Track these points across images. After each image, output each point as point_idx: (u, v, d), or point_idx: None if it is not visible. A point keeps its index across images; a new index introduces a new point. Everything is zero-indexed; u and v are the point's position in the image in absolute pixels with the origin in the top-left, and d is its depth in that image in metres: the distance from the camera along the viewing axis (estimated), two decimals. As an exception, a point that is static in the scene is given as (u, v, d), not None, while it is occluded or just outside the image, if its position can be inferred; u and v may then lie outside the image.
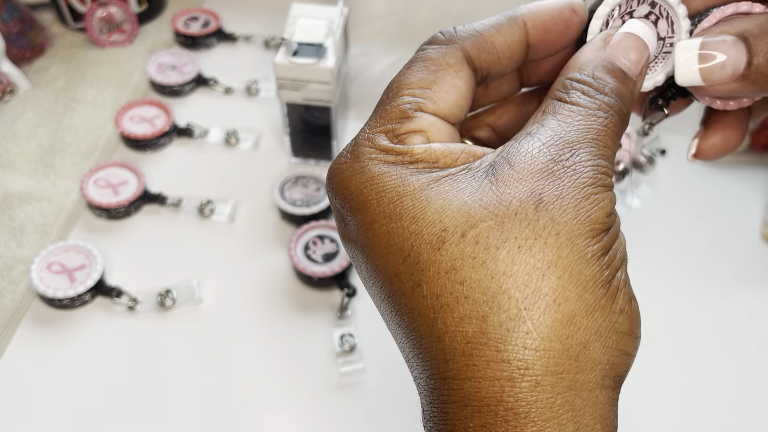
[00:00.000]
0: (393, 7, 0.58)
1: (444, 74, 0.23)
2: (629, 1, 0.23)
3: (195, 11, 0.62)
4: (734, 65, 0.21)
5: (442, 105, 0.23)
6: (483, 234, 0.19)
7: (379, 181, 0.21)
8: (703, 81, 0.22)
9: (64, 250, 0.43)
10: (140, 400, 0.38)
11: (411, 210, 0.20)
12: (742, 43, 0.21)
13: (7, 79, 0.56)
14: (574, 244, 0.19)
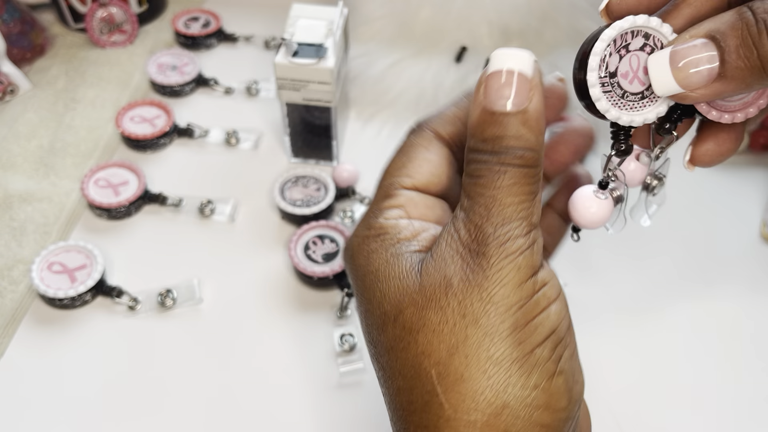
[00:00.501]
0: (393, 8, 0.58)
1: (416, 152, 0.26)
2: (624, 35, 0.24)
3: (195, 12, 0.62)
4: (708, 67, 0.21)
5: (418, 178, 0.26)
6: (408, 319, 0.22)
7: (361, 255, 0.25)
8: (683, 88, 0.22)
9: (64, 250, 0.43)
10: (140, 400, 0.38)
11: (369, 290, 0.24)
12: (711, 43, 0.21)
13: (8, 79, 0.56)
14: (479, 325, 0.21)
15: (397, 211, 0.25)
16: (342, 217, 0.47)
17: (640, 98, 0.24)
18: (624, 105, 0.24)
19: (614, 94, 0.24)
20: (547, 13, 0.57)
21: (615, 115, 0.24)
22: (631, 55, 0.24)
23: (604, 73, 0.24)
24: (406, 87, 0.55)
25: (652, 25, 0.23)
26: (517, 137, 0.22)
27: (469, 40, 0.58)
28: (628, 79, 0.24)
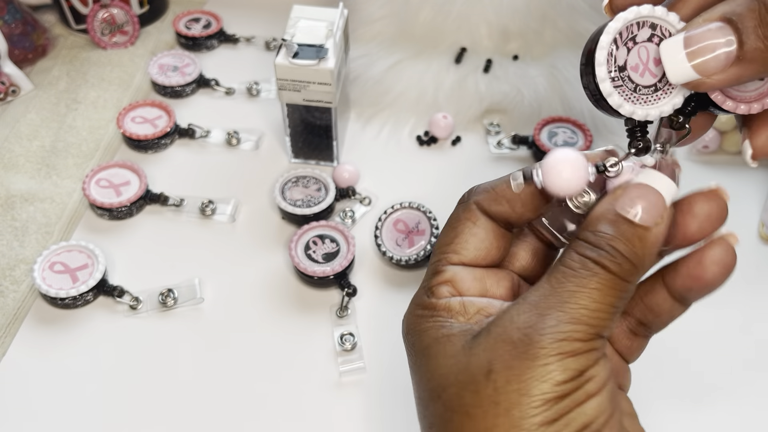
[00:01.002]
0: (393, 9, 0.58)
1: (462, 227, 0.27)
2: (630, 27, 0.23)
3: (196, 13, 0.63)
4: (726, 52, 0.20)
5: (465, 253, 0.26)
6: (449, 398, 0.22)
7: (414, 333, 0.25)
8: (700, 74, 0.21)
9: (66, 249, 0.44)
10: (141, 399, 0.38)
11: (420, 367, 0.24)
12: (728, 25, 0.20)
13: (10, 80, 0.56)
14: (509, 416, 0.21)
15: (446, 288, 0.25)
16: (342, 218, 0.47)
17: (654, 91, 0.23)
18: (637, 99, 0.23)
19: (626, 88, 0.23)
20: (546, 14, 0.57)
21: (629, 110, 0.23)
22: (639, 47, 0.23)
23: (614, 68, 0.23)
24: (406, 88, 0.55)
25: (658, 14, 0.22)
26: (627, 242, 0.22)
27: (469, 42, 0.58)
28: (639, 72, 0.23)
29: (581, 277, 0.21)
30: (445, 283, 0.26)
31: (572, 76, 0.55)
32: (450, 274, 0.26)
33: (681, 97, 0.23)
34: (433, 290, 0.26)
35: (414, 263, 0.43)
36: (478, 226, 0.26)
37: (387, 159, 0.52)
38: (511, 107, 0.54)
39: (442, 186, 0.50)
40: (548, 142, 0.50)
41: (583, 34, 0.57)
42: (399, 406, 0.38)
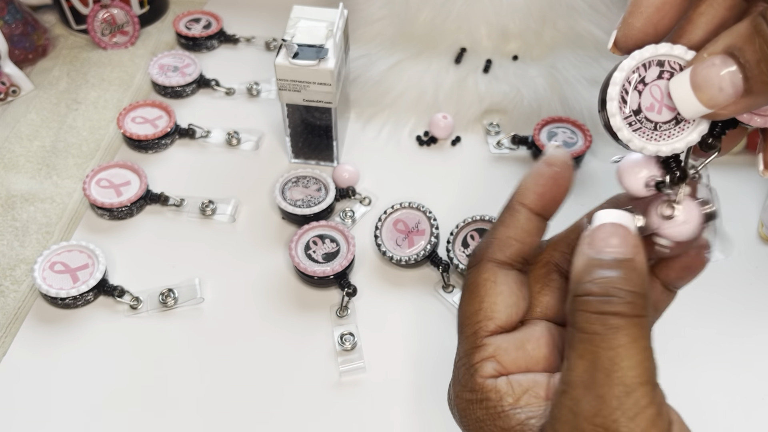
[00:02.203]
0: (393, 9, 0.58)
1: (486, 291, 0.26)
2: (639, 69, 0.23)
3: (196, 13, 0.63)
4: (732, 84, 0.20)
5: (498, 317, 0.25)
6: None
7: (466, 421, 0.25)
8: (710, 108, 0.21)
9: (66, 249, 0.44)
10: (142, 398, 0.38)
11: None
12: (731, 59, 0.20)
13: (10, 80, 0.56)
14: None
15: (491, 365, 0.25)
16: (342, 218, 0.47)
17: (675, 123, 0.24)
18: (660, 136, 0.24)
19: (645, 129, 0.24)
20: (545, 14, 0.57)
21: (653, 149, 0.24)
22: (650, 86, 0.23)
23: (628, 113, 0.24)
24: (406, 88, 0.55)
25: (662, 51, 0.23)
26: (627, 279, 0.22)
27: (469, 42, 0.58)
28: (656, 110, 0.24)
29: (610, 337, 0.21)
30: (489, 359, 0.25)
31: (572, 77, 0.55)
32: (492, 349, 0.25)
33: (705, 123, 0.23)
34: (477, 368, 0.25)
35: (414, 263, 0.43)
36: (500, 283, 0.26)
37: (387, 159, 0.52)
38: (510, 107, 0.54)
39: (442, 186, 0.50)
40: (548, 143, 0.50)
41: (583, 34, 0.57)
42: (399, 406, 0.38)
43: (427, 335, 0.41)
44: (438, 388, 0.39)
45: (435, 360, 0.40)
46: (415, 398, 0.39)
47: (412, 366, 0.40)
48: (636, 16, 0.23)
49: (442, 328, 0.42)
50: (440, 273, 0.44)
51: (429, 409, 0.38)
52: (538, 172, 0.26)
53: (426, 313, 0.42)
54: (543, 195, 0.26)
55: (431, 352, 0.40)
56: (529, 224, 0.26)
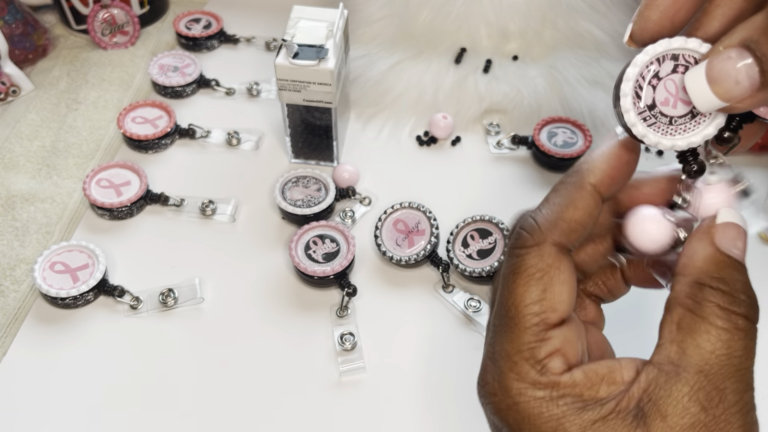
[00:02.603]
0: (393, 9, 0.58)
1: (550, 278, 0.24)
2: (653, 63, 0.23)
3: (197, 13, 0.63)
4: (749, 77, 0.20)
5: (562, 308, 0.24)
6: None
7: (536, 422, 0.22)
8: (726, 102, 0.21)
9: (66, 249, 0.44)
10: (142, 398, 0.38)
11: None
12: (747, 51, 0.20)
13: (10, 80, 0.57)
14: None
15: (558, 360, 0.23)
16: (342, 218, 0.48)
17: (691, 117, 0.24)
18: (676, 130, 0.24)
19: (660, 123, 0.24)
20: (545, 14, 0.57)
21: (669, 144, 0.24)
22: (665, 80, 0.23)
23: (643, 108, 0.24)
24: (406, 88, 0.55)
25: (676, 45, 0.23)
26: (748, 285, 0.22)
27: (469, 42, 0.58)
28: (671, 105, 0.24)
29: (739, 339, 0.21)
30: (557, 354, 0.23)
31: (572, 77, 0.55)
32: (559, 342, 0.23)
33: (722, 116, 0.23)
34: (547, 364, 0.23)
35: (414, 263, 0.43)
36: (564, 270, 0.24)
37: (387, 159, 0.52)
38: (510, 107, 0.54)
39: (442, 186, 0.50)
40: (548, 143, 0.50)
41: (583, 34, 0.57)
42: (399, 405, 0.38)
43: (428, 335, 0.41)
44: (438, 387, 0.39)
45: (435, 360, 0.40)
46: (416, 398, 0.39)
47: (413, 366, 0.40)
48: (652, 9, 0.23)
49: (442, 328, 0.42)
50: (440, 273, 0.44)
51: (429, 409, 0.38)
52: (613, 153, 0.25)
53: (426, 313, 0.42)
54: (613, 178, 0.25)
55: (431, 351, 0.40)
56: (595, 207, 0.24)
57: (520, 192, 0.50)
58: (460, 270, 0.43)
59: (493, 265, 0.42)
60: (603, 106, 0.53)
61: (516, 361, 0.23)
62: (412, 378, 0.39)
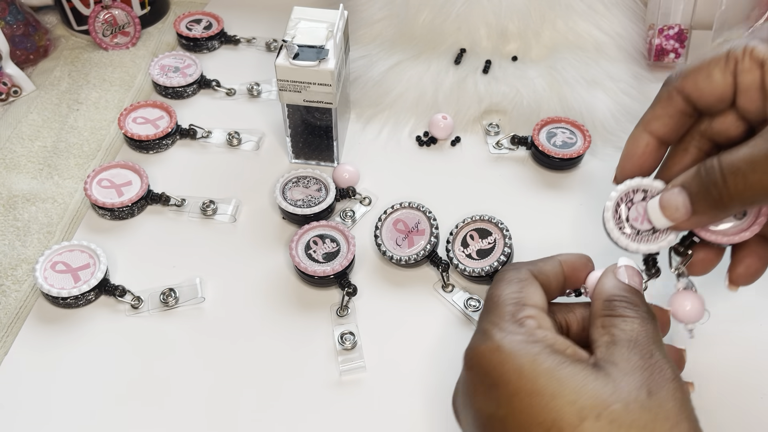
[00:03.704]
0: (393, 10, 0.59)
1: (526, 284, 0.32)
2: (628, 194, 0.34)
3: (197, 14, 0.63)
4: (684, 207, 0.31)
5: (535, 301, 0.31)
6: (615, 415, 0.25)
7: (515, 359, 0.28)
8: (672, 222, 0.32)
9: (68, 249, 0.44)
10: (143, 397, 0.39)
11: (548, 388, 0.26)
12: (683, 190, 0.31)
13: (11, 80, 0.57)
14: (679, 425, 0.26)
15: (534, 322, 0.30)
16: (342, 218, 0.48)
17: (653, 232, 0.34)
18: (641, 240, 0.34)
19: (631, 233, 0.34)
20: (545, 15, 0.57)
21: (635, 248, 0.34)
22: (636, 204, 0.34)
23: (619, 221, 0.34)
24: (405, 89, 0.55)
25: (645, 183, 0.34)
26: (643, 302, 0.32)
27: (468, 43, 0.58)
28: (639, 221, 0.34)
29: (648, 322, 0.30)
30: (532, 318, 0.30)
31: (571, 77, 0.55)
32: (534, 311, 0.31)
33: (673, 235, 0.33)
34: (522, 321, 0.30)
35: (413, 263, 0.44)
36: (536, 283, 0.33)
37: (387, 159, 0.52)
38: (510, 108, 0.54)
39: (442, 186, 0.50)
40: (547, 143, 0.51)
41: (582, 35, 0.57)
42: (399, 405, 0.38)
43: (428, 335, 0.41)
44: (438, 387, 0.39)
45: (435, 359, 0.40)
46: (416, 397, 0.39)
47: (413, 365, 0.40)
48: (627, 161, 0.35)
49: (442, 328, 0.42)
50: (440, 273, 0.44)
51: (429, 409, 0.38)
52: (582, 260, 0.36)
53: (426, 313, 0.43)
54: (576, 269, 0.35)
55: (431, 351, 0.41)
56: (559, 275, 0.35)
57: (520, 192, 0.50)
58: (460, 270, 0.43)
59: (493, 265, 0.42)
60: (602, 107, 0.53)
61: (497, 322, 0.30)
62: (412, 377, 0.40)
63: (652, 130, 0.35)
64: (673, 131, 0.34)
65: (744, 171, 0.28)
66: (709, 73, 0.32)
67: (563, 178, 0.51)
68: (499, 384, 0.27)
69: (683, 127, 0.35)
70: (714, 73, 0.31)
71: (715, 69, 0.31)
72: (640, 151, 0.35)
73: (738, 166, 0.28)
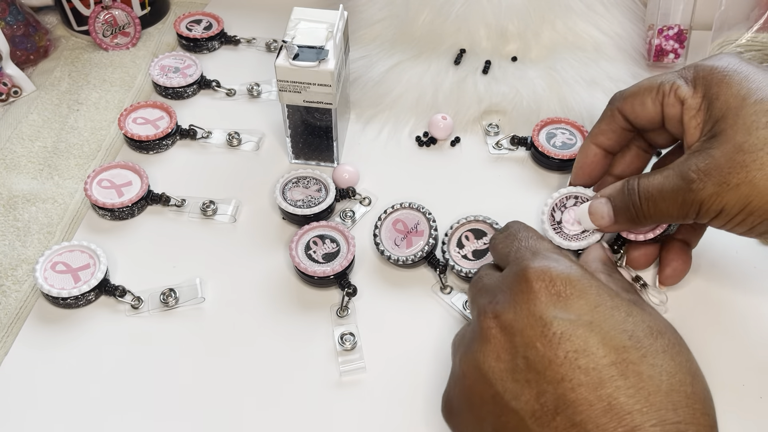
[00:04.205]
0: (392, 11, 0.59)
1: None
2: (562, 200, 0.43)
3: (197, 14, 0.63)
4: (609, 216, 0.38)
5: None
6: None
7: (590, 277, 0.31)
8: (597, 226, 0.39)
9: (68, 249, 0.44)
10: (143, 398, 0.39)
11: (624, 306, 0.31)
12: (609, 201, 0.38)
13: (12, 81, 0.57)
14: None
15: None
16: (342, 218, 0.48)
17: (581, 233, 0.41)
18: (572, 239, 0.41)
19: (563, 233, 0.42)
20: (544, 15, 0.57)
21: (566, 245, 0.41)
22: (569, 209, 0.42)
23: (554, 223, 0.42)
24: (405, 89, 0.55)
25: (575, 191, 0.43)
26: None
27: (468, 43, 0.58)
28: (570, 223, 0.42)
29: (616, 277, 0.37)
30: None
31: (570, 78, 0.55)
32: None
33: (598, 235, 0.40)
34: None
35: (411, 263, 0.44)
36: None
37: (387, 160, 0.52)
38: (509, 108, 0.54)
39: (442, 186, 0.50)
40: (547, 143, 0.51)
41: (581, 35, 0.58)
42: (399, 405, 0.38)
43: (428, 335, 0.41)
44: (439, 387, 0.39)
45: (435, 359, 0.40)
46: (416, 398, 0.39)
47: (413, 366, 0.40)
48: (579, 169, 0.43)
49: (442, 328, 0.42)
50: (437, 274, 0.44)
51: (430, 409, 0.38)
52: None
53: (426, 313, 0.43)
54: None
55: (432, 351, 0.41)
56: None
57: (520, 192, 0.50)
58: (456, 271, 0.43)
59: (492, 265, 0.42)
60: (601, 107, 0.53)
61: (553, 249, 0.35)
62: (413, 378, 0.40)
63: (599, 143, 0.42)
64: (616, 143, 0.41)
65: (655, 198, 0.35)
66: (643, 101, 0.38)
67: (563, 179, 0.51)
68: (585, 294, 0.29)
69: (625, 140, 0.41)
70: (646, 101, 0.37)
71: (647, 98, 0.37)
72: (589, 160, 0.42)
73: (651, 194, 0.35)
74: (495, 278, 0.33)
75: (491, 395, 0.28)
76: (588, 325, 0.27)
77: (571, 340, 0.27)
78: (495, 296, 0.31)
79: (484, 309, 0.30)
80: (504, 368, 0.28)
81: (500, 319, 0.29)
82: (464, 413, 0.30)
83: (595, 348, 0.27)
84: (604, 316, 0.28)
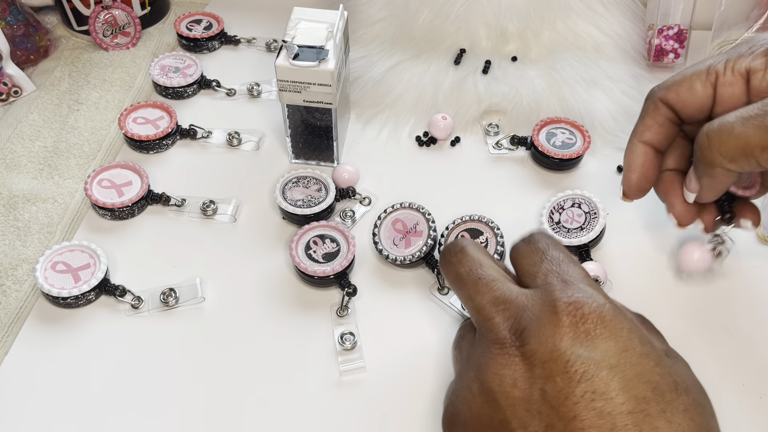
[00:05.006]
0: (392, 11, 0.59)
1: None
2: (559, 202, 0.46)
3: (198, 14, 0.63)
4: (693, 176, 0.37)
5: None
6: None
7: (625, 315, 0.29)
8: (691, 192, 0.37)
9: (68, 249, 0.44)
10: (143, 397, 0.39)
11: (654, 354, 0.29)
12: (695, 179, 0.37)
13: (12, 81, 0.57)
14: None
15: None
16: (342, 218, 0.48)
17: (581, 229, 0.44)
18: (570, 236, 0.44)
19: (561, 232, 0.44)
20: (544, 15, 0.57)
21: (566, 242, 0.43)
22: (566, 210, 0.45)
23: (553, 224, 0.45)
24: (405, 89, 0.55)
25: (569, 193, 0.46)
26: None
27: (468, 43, 0.58)
28: (569, 222, 0.44)
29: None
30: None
31: (570, 78, 0.55)
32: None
33: (594, 232, 0.43)
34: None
35: (409, 263, 0.44)
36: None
37: (387, 159, 0.52)
38: (509, 108, 0.54)
39: (442, 186, 0.50)
40: (547, 143, 0.51)
41: (581, 35, 0.58)
42: (399, 405, 0.38)
43: (428, 335, 0.41)
44: (439, 387, 0.39)
45: (435, 359, 0.40)
46: (416, 398, 0.39)
47: (413, 366, 0.40)
48: (632, 173, 0.38)
49: (442, 328, 0.42)
50: (435, 275, 0.44)
51: (430, 409, 0.38)
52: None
53: (426, 313, 0.43)
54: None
55: (432, 351, 0.41)
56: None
57: (519, 192, 0.50)
58: (459, 270, 0.43)
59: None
60: (601, 107, 0.54)
61: (585, 279, 0.32)
62: (413, 378, 0.40)
63: (646, 140, 0.38)
64: (665, 138, 0.38)
65: (720, 133, 0.33)
66: (691, 86, 0.36)
67: (563, 179, 0.51)
68: (615, 336, 0.27)
69: (672, 134, 0.38)
70: (695, 86, 0.35)
71: (696, 82, 0.35)
72: (640, 160, 0.38)
73: (715, 131, 0.33)
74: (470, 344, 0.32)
75: (499, 420, 0.27)
76: (612, 368, 0.26)
77: (591, 380, 0.26)
78: (520, 322, 0.29)
79: (507, 333, 0.29)
80: (519, 396, 0.27)
81: (524, 348, 0.28)
82: (467, 430, 0.29)
83: (614, 393, 0.26)
84: (631, 362, 0.27)
